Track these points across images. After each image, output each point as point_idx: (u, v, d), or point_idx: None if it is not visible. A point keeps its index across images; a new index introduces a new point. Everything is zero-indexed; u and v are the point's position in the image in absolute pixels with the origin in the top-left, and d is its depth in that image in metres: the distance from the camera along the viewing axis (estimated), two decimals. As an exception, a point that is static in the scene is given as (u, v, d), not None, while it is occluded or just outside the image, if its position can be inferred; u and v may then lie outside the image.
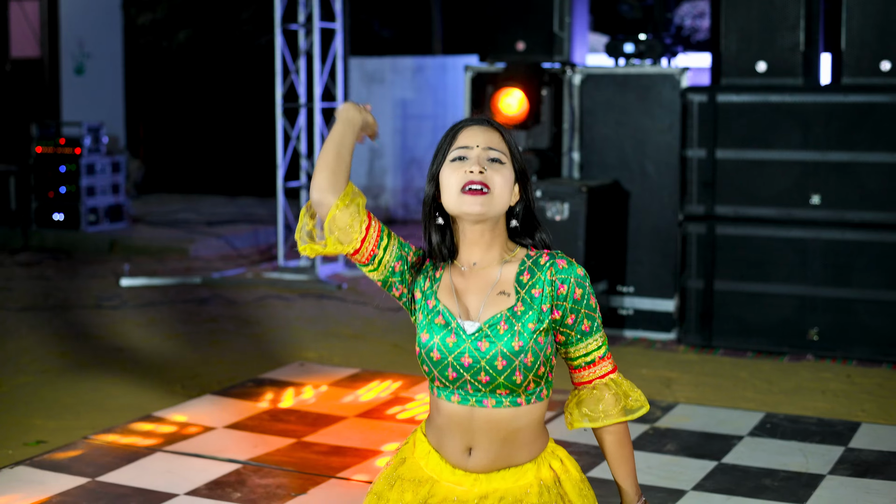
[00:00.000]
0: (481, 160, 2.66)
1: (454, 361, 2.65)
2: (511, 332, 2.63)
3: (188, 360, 6.83)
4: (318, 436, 5.24)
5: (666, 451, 5.02)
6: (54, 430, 5.43)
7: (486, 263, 2.72)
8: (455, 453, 2.70)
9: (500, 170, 2.67)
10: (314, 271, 9.58)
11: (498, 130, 2.73)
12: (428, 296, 2.75)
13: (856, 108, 6.80)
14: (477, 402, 2.65)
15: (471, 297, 2.70)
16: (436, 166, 2.73)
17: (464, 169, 2.65)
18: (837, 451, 5.00)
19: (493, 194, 2.64)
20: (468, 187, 2.63)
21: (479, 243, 2.71)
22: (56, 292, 9.06)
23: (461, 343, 2.65)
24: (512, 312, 2.64)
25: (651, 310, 7.47)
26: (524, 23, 7.64)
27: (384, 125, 13.68)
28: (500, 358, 2.61)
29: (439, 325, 2.69)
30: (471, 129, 2.72)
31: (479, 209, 2.62)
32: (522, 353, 2.61)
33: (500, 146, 2.69)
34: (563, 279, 2.65)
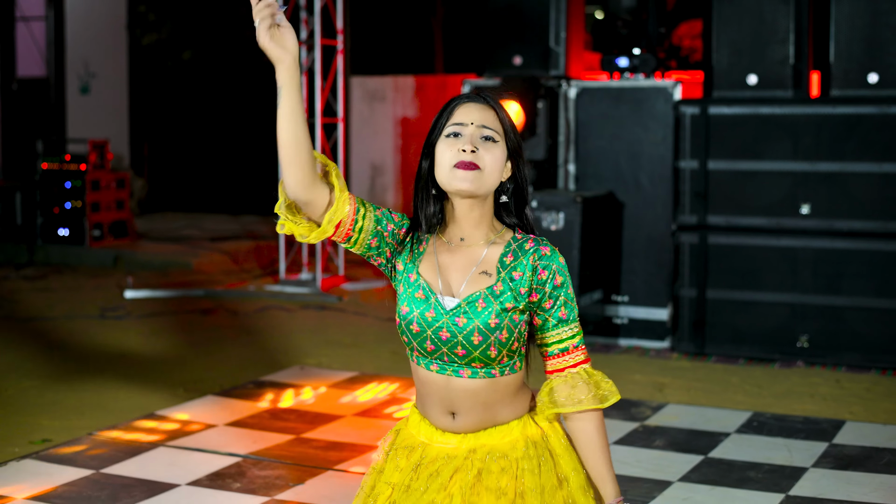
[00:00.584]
0: (474, 138, 2.72)
1: (432, 335, 2.73)
2: (488, 309, 2.70)
3: (191, 365, 6.97)
4: (317, 433, 5.38)
5: (654, 446, 5.15)
6: (59, 429, 5.56)
7: (473, 241, 2.80)
8: (439, 417, 2.82)
9: (492, 148, 2.73)
10: (315, 284, 9.72)
11: (493, 108, 2.79)
12: (409, 269, 2.81)
13: (844, 119, 6.95)
14: (454, 372, 2.75)
15: (454, 273, 2.79)
16: (431, 139, 2.79)
17: (457, 146, 2.71)
18: (821, 447, 5.14)
19: (484, 172, 2.71)
20: (459, 165, 2.70)
21: (468, 219, 2.77)
22: (61, 304, 9.21)
23: (440, 318, 2.73)
24: (491, 291, 2.72)
25: (645, 318, 7.60)
26: (521, 38, 7.82)
27: (385, 143, 13.84)
28: (477, 333, 2.70)
29: (419, 300, 2.76)
30: (467, 105, 2.78)
31: (468, 186, 2.69)
32: (498, 329, 2.70)
33: (494, 124, 2.76)
34: (545, 265, 2.73)
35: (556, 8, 7.75)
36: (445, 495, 2.72)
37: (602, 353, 7.43)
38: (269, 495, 4.48)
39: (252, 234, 13.34)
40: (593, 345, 7.62)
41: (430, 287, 2.78)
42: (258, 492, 4.53)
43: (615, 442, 5.22)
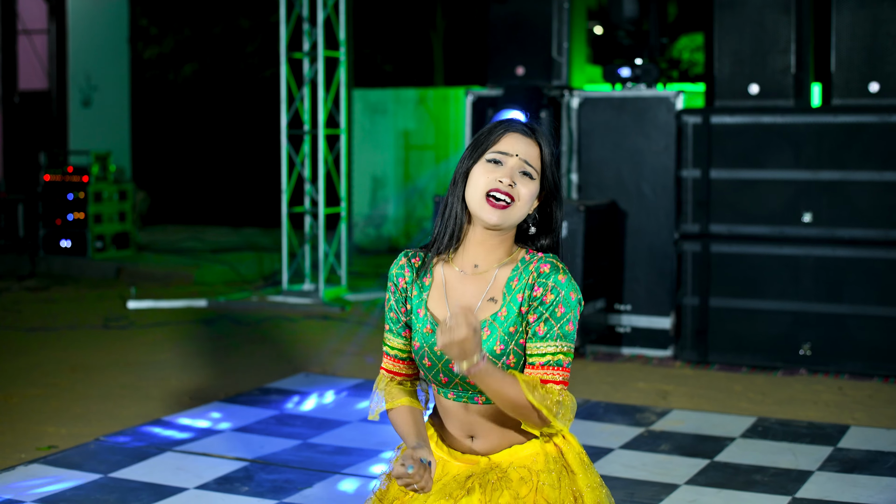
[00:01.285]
0: (514, 172, 2.72)
1: (443, 367, 2.76)
2: (493, 336, 2.72)
3: (196, 374, 6.99)
4: (324, 437, 5.40)
5: (660, 450, 5.17)
6: (66, 436, 5.57)
7: (486, 266, 2.80)
8: (459, 440, 2.85)
9: (528, 184, 2.73)
10: (317, 294, 9.74)
11: (539, 145, 2.78)
12: (418, 304, 2.84)
13: (845, 128, 6.99)
14: (469, 399, 2.79)
15: (464, 302, 2.79)
16: (472, 160, 2.78)
17: (496, 175, 2.72)
18: (826, 451, 5.16)
19: (515, 206, 2.71)
20: (493, 194, 2.70)
21: (485, 244, 2.78)
22: (64, 314, 9.22)
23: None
24: (495, 317, 2.74)
25: (648, 327, 7.63)
26: (523, 48, 7.86)
27: (386, 155, 13.89)
28: None
29: (427, 334, 2.79)
30: (515, 135, 2.77)
31: (495, 220, 2.71)
32: (504, 355, 2.72)
33: (535, 162, 2.75)
34: (542, 282, 2.71)
35: (558, 18, 7.79)
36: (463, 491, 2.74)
37: (605, 361, 7.45)
38: (277, 499, 4.50)
39: (253, 245, 13.37)
40: (596, 353, 7.64)
41: (436, 320, 2.80)
42: (266, 495, 4.54)
43: (620, 446, 5.24)
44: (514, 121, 2.83)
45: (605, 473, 4.74)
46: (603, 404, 6.07)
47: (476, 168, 2.76)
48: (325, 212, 9.96)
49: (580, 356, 7.48)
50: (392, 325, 2.91)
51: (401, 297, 2.88)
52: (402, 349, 2.91)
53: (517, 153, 2.74)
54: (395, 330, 2.90)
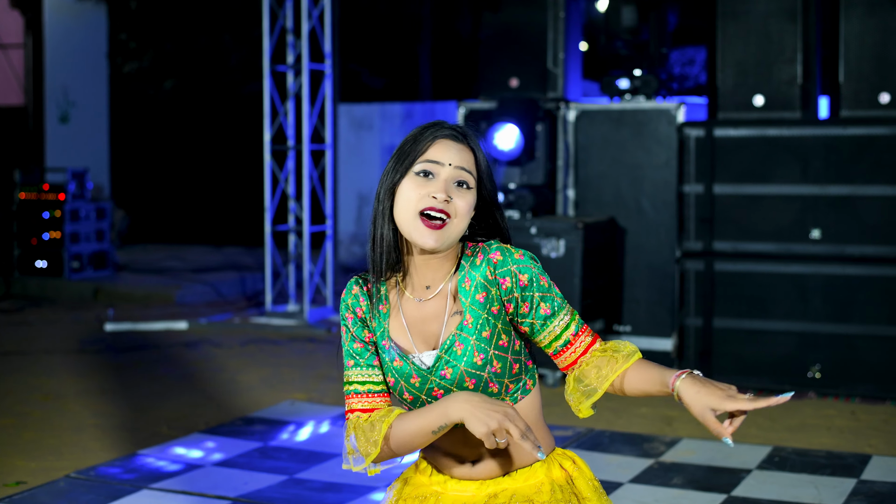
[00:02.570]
0: (448, 184, 2.42)
1: (426, 397, 2.48)
2: (467, 348, 2.43)
3: (174, 402, 6.64)
4: (311, 472, 5.06)
5: (673, 484, 4.85)
6: (35, 470, 5.23)
7: (439, 284, 2.50)
8: (454, 465, 2.54)
9: (465, 195, 2.43)
10: (302, 316, 9.41)
11: (473, 150, 2.48)
12: (381, 336, 2.53)
13: (855, 141, 6.70)
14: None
15: (429, 328, 2.50)
16: (398, 174, 2.45)
17: (427, 190, 2.40)
18: (850, 483, 4.84)
19: (451, 225, 2.41)
20: (427, 212, 2.39)
21: (430, 264, 2.48)
22: (39, 337, 8.88)
23: (426, 380, 2.47)
24: (462, 328, 2.44)
25: (648, 349, 7.31)
26: (517, 59, 7.56)
27: (373, 172, 13.59)
28: (468, 377, 2.43)
29: (398, 368, 2.49)
30: (445, 142, 2.45)
31: (432, 243, 2.39)
32: (487, 364, 2.43)
33: (471, 167, 2.46)
34: (503, 272, 2.43)
35: (553, 28, 7.49)
36: None
37: (605, 385, 7.12)
38: (262, 542, 4.16)
39: (235, 265, 13.04)
40: (595, 377, 7.32)
41: (404, 351, 2.47)
42: (250, 538, 4.20)
43: (630, 480, 4.91)
44: (440, 123, 2.49)
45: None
46: (608, 433, 5.73)
47: (404, 183, 2.43)
48: (310, 230, 9.63)
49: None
50: (357, 358, 2.54)
51: (361, 325, 2.54)
52: (374, 381, 2.53)
53: (450, 162, 2.42)
54: (363, 361, 2.53)
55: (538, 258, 2.55)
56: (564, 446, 5.37)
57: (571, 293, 6.90)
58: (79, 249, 11.50)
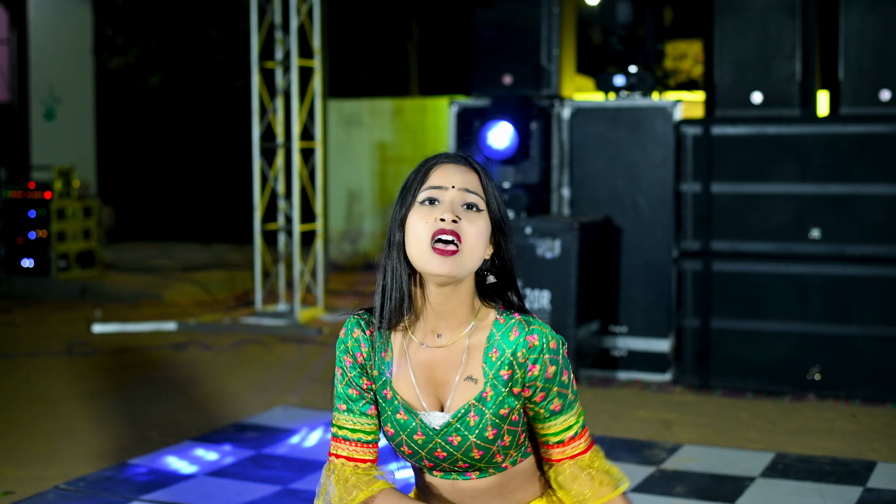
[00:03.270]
0: (455, 205, 2.31)
1: (427, 455, 2.38)
2: (482, 421, 2.33)
3: (164, 406, 6.52)
4: (306, 482, 4.94)
5: (675, 493, 4.74)
6: (23, 479, 5.11)
7: (452, 335, 2.37)
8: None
9: (476, 220, 2.31)
10: (293, 315, 9.30)
11: (476, 171, 2.38)
12: (383, 385, 2.41)
13: (855, 138, 6.61)
14: (459, 476, 2.41)
15: (436, 381, 2.38)
16: (405, 208, 2.35)
17: (434, 215, 2.29)
18: (856, 492, 4.74)
19: (465, 251, 2.28)
20: (438, 238, 2.27)
21: (445, 308, 2.35)
22: (26, 339, 8.75)
23: (430, 440, 2.36)
24: (480, 399, 2.34)
25: (645, 350, 7.22)
26: (511, 56, 7.44)
27: (362, 168, 13.48)
28: (476, 449, 2.35)
29: (402, 422, 2.38)
30: (445, 166, 2.36)
31: (447, 270, 2.27)
32: (498, 438, 2.34)
33: (477, 189, 2.35)
34: (535, 359, 2.33)
35: (547, 25, 7.37)
36: None
37: (601, 387, 7.03)
38: (257, 557, 4.05)
39: (224, 263, 12.92)
40: (591, 378, 7.22)
41: (410, 407, 2.36)
42: (245, 553, 4.09)
43: (633, 490, 4.81)
44: (440, 154, 2.40)
45: None
46: (608, 439, 5.63)
47: (411, 216, 2.32)
48: (300, 228, 9.51)
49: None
50: (350, 404, 2.42)
51: (360, 371, 2.42)
52: (365, 430, 2.43)
53: (453, 184, 2.32)
54: (357, 409, 2.42)
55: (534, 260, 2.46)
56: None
57: (567, 294, 6.79)
58: (65, 248, 11.37)
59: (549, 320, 6.71)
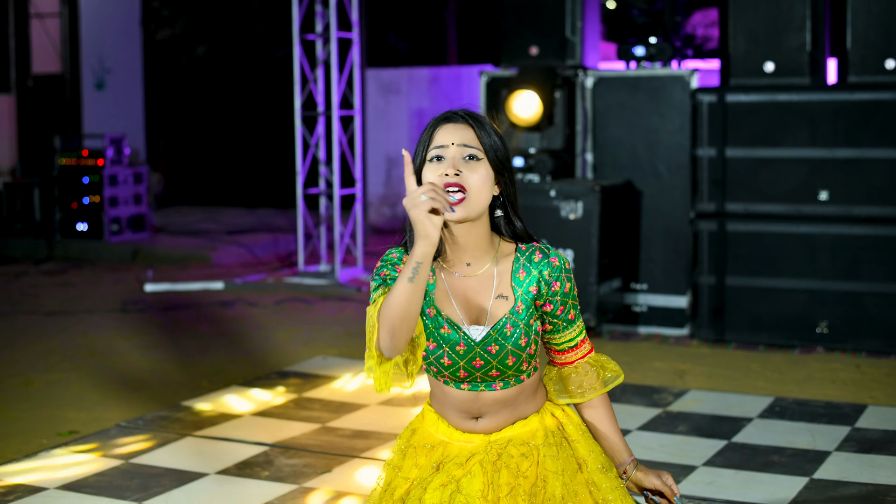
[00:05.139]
0: (456, 160, 2.74)
1: (465, 365, 2.79)
2: (516, 331, 2.78)
3: (213, 358, 7.02)
4: (342, 421, 5.43)
5: (678, 431, 5.19)
6: (86, 420, 5.61)
7: (479, 263, 2.82)
8: (462, 421, 2.88)
9: (476, 168, 2.74)
10: (333, 276, 9.77)
11: (471, 126, 2.79)
12: (427, 304, 2.82)
13: (862, 105, 6.96)
14: (486, 387, 2.82)
15: (473, 301, 2.81)
16: (419, 163, 2.79)
17: (441, 170, 2.73)
18: (844, 431, 5.16)
19: (471, 196, 2.72)
20: (447, 190, 2.71)
21: (467, 241, 2.79)
22: (81, 298, 9.27)
23: (471, 349, 2.78)
24: (514, 312, 2.78)
25: (664, 306, 7.63)
26: (537, 28, 7.84)
27: (400, 135, 13.88)
28: (511, 356, 2.78)
29: (446, 335, 2.79)
30: (445, 126, 2.79)
31: (459, 215, 2.71)
32: (528, 346, 2.79)
33: (473, 142, 2.77)
34: (557, 276, 2.81)
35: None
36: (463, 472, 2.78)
37: (622, 340, 7.46)
38: (297, 483, 4.53)
39: (269, 226, 13.40)
40: (613, 333, 7.65)
41: (453, 321, 2.81)
42: (286, 480, 4.57)
43: (638, 428, 5.25)
44: (444, 113, 2.85)
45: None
46: (621, 385, 6.07)
47: (425, 171, 2.77)
48: (340, 193, 9.97)
49: (597, 335, 7.49)
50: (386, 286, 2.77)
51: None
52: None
53: (452, 142, 2.76)
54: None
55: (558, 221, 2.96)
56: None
57: (589, 253, 7.22)
58: (117, 213, 11.90)
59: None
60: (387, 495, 2.88)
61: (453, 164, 2.75)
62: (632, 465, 2.90)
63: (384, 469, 2.96)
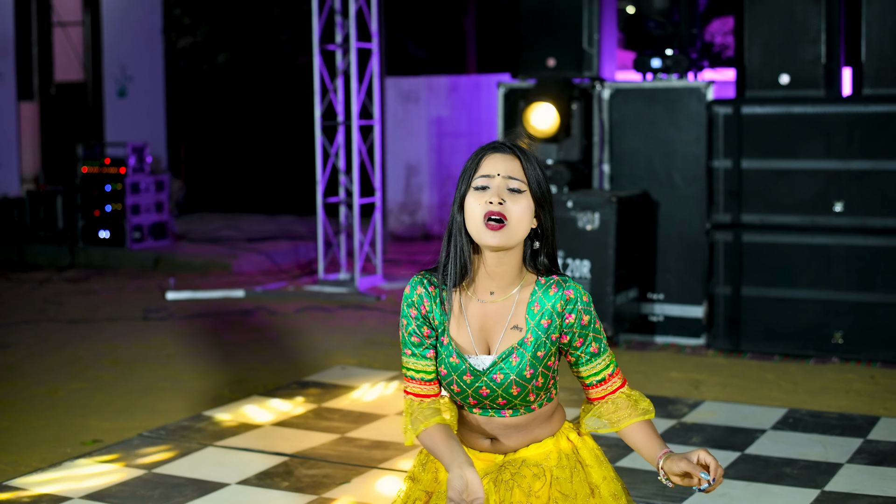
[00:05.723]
0: (501, 191, 2.83)
1: (473, 393, 2.89)
2: (522, 362, 2.85)
3: (234, 367, 7.12)
4: (361, 431, 5.51)
5: (691, 443, 5.25)
6: (109, 430, 5.71)
7: (503, 293, 2.91)
8: (478, 442, 2.98)
9: (519, 200, 2.83)
10: (353, 284, 9.86)
11: (518, 158, 2.89)
12: (441, 332, 2.94)
13: (876, 117, 7.01)
14: (496, 413, 2.92)
15: (488, 330, 2.90)
16: (464, 190, 2.89)
17: (485, 199, 2.82)
18: (856, 443, 5.22)
19: (511, 225, 2.81)
20: (489, 219, 2.80)
21: (497, 271, 2.88)
22: (104, 306, 9.38)
23: (477, 378, 2.87)
24: (522, 344, 2.86)
25: (680, 316, 7.69)
26: (554, 40, 7.91)
27: (420, 143, 13.97)
28: (515, 386, 2.86)
29: (454, 364, 2.89)
30: (493, 157, 2.88)
31: (497, 241, 2.80)
32: (534, 378, 2.85)
33: (519, 174, 2.86)
34: (571, 309, 2.86)
35: (588, 10, 7.84)
36: None
37: (638, 350, 7.52)
38: (316, 494, 4.62)
39: (289, 234, 13.50)
40: (629, 342, 7.72)
41: (462, 351, 2.91)
42: (306, 490, 4.66)
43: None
44: (491, 143, 2.93)
45: (635, 467, 4.83)
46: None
47: (468, 198, 2.86)
48: (360, 202, 10.06)
49: (614, 345, 7.55)
50: (414, 349, 2.96)
51: (422, 321, 2.95)
52: (427, 371, 2.96)
53: (499, 172, 2.85)
54: (419, 353, 2.96)
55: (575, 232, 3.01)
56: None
57: (606, 263, 7.29)
58: (139, 220, 12.02)
59: (589, 288, 7.22)
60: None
61: (498, 194, 2.83)
62: (663, 457, 2.84)
63: (405, 481, 3.05)
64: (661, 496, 4.49)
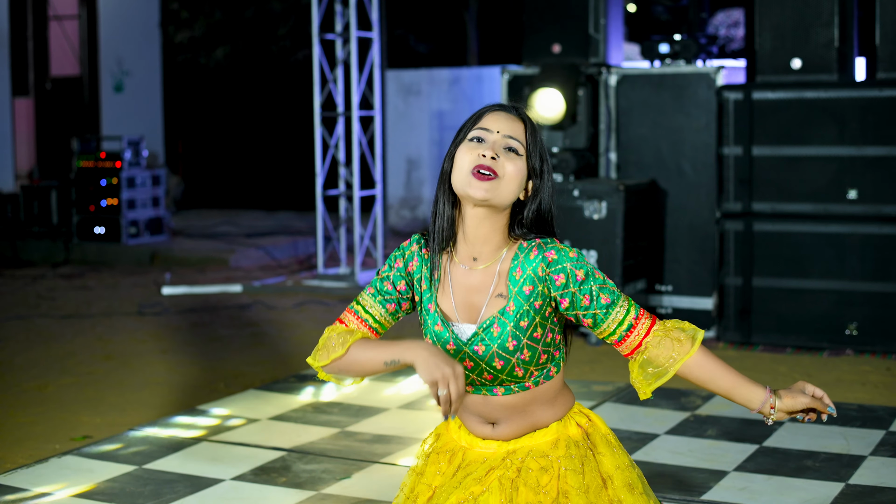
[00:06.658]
0: (497, 146, 2.64)
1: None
2: (503, 332, 2.64)
3: (231, 361, 6.91)
4: (361, 425, 5.31)
5: (707, 436, 5.04)
6: (100, 425, 5.51)
7: (485, 259, 2.71)
8: (478, 427, 2.79)
9: (514, 160, 2.65)
10: (353, 278, 9.66)
11: (523, 121, 2.71)
12: (427, 300, 2.75)
13: (891, 102, 6.81)
14: (487, 391, 2.73)
15: (471, 298, 2.71)
16: (456, 144, 2.71)
17: (478, 151, 2.63)
18: (878, 435, 5.02)
19: (502, 182, 2.62)
20: (478, 170, 2.61)
21: (478, 233, 2.68)
22: (98, 301, 9.18)
23: (460, 349, 2.69)
24: (503, 312, 2.65)
25: (689, 308, 7.49)
26: (560, 25, 7.71)
27: (421, 137, 13.79)
28: (497, 358, 2.66)
29: (438, 332, 2.72)
30: (496, 113, 2.70)
31: (483, 194, 2.60)
32: (518, 350, 2.64)
33: (520, 137, 2.67)
34: (557, 269, 2.63)
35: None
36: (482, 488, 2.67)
37: (646, 343, 7.31)
38: (315, 489, 4.41)
39: (288, 229, 13.31)
40: (637, 335, 7.51)
41: (447, 318, 2.71)
42: (304, 486, 4.45)
43: (666, 432, 5.11)
44: (497, 103, 2.75)
45: (652, 460, 4.63)
46: (646, 388, 5.93)
47: (460, 149, 2.67)
48: (360, 195, 9.86)
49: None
50: (378, 294, 2.79)
51: (403, 276, 2.78)
52: (377, 320, 2.78)
53: (498, 129, 2.66)
54: (381, 299, 2.78)
55: (582, 221, 2.80)
56: (604, 401, 5.59)
57: (613, 254, 7.08)
58: (135, 215, 11.82)
59: (596, 279, 7.00)
60: (409, 502, 2.80)
61: (492, 149, 2.64)
62: (774, 398, 2.61)
63: (408, 475, 2.89)
64: (678, 490, 4.27)
